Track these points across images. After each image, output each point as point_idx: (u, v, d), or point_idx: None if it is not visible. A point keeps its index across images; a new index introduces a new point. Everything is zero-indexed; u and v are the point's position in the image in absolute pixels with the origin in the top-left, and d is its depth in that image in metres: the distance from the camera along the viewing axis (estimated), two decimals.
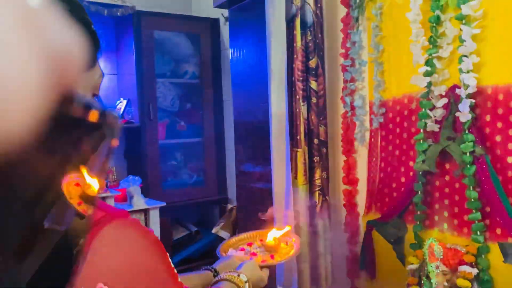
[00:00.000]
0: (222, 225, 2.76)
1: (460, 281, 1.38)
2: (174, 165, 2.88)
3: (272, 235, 1.22)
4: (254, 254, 1.18)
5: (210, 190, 2.87)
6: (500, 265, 1.35)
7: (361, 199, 1.88)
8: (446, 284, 1.42)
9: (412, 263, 1.56)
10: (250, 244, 1.25)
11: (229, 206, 2.82)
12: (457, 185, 1.49)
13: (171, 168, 2.86)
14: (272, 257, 1.16)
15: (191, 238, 2.87)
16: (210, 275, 1.02)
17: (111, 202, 2.08)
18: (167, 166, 2.84)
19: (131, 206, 2.15)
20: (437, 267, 1.45)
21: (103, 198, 2.03)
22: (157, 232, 2.15)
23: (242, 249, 1.23)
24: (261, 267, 1.07)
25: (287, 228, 1.26)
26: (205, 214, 3.09)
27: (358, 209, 1.89)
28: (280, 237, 1.23)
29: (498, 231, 1.37)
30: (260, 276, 1.02)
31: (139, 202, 2.10)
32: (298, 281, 1.79)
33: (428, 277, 1.50)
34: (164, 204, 2.18)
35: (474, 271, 1.37)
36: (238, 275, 0.94)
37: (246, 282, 0.94)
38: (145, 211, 2.15)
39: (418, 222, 1.59)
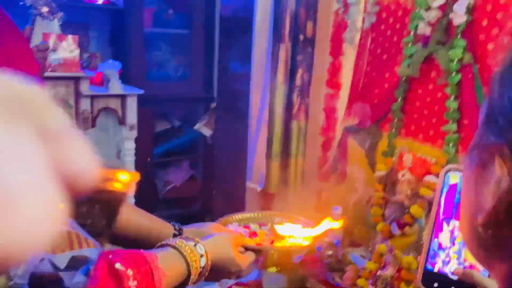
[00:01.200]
0: (205, 122, 2.73)
1: (422, 190, 1.37)
2: (160, 56, 2.76)
3: (289, 226, 0.97)
4: (254, 234, 0.96)
5: (195, 86, 2.79)
6: None
7: (341, 104, 1.81)
8: (409, 192, 1.42)
9: (381, 170, 1.54)
10: (261, 225, 1.02)
11: (213, 104, 2.76)
12: (439, 95, 1.41)
13: (156, 59, 2.75)
14: (271, 242, 0.93)
15: (174, 132, 2.86)
16: (168, 230, 0.82)
17: (85, 84, 2.00)
18: (151, 56, 2.72)
19: (107, 90, 2.08)
20: (403, 175, 1.43)
21: (77, 79, 1.95)
22: (133, 120, 2.11)
23: (247, 227, 0.99)
24: (246, 248, 0.83)
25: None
26: (189, 110, 3.05)
27: (337, 114, 1.83)
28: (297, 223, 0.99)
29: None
30: (231, 257, 0.78)
31: (115, 86, 2.03)
32: (265, 178, 1.80)
33: (393, 185, 1.49)
34: (141, 92, 2.12)
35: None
36: (195, 245, 0.72)
37: (202, 256, 0.72)
38: (122, 98, 2.09)
39: (393, 130, 1.54)
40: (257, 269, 0.87)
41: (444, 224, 0.62)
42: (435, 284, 0.61)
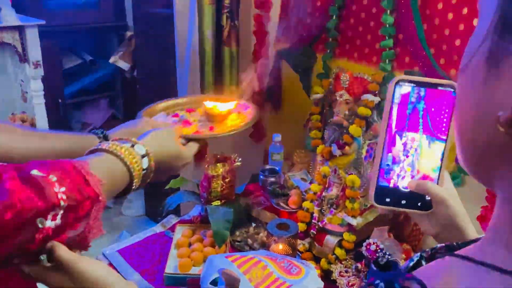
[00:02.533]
0: (121, 54, 2.48)
1: (361, 109, 1.38)
2: None
3: (224, 104, 0.94)
4: (187, 122, 0.90)
5: (105, 14, 2.48)
6: None
7: (272, 26, 1.72)
8: (347, 112, 1.42)
9: (317, 93, 1.52)
10: (190, 110, 0.97)
11: (128, 33, 2.50)
12: (374, 10, 1.38)
13: None
14: (211, 128, 0.89)
15: (86, 68, 2.58)
16: (91, 141, 0.72)
17: None
18: None
19: (0, 22, 1.75)
20: (341, 96, 1.42)
21: None
22: (37, 55, 1.83)
23: (176, 115, 0.94)
24: (187, 140, 0.79)
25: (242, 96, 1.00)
26: (101, 42, 2.74)
27: (269, 38, 1.74)
28: (231, 102, 0.97)
29: (407, 59, 1.33)
30: (176, 151, 0.73)
31: (9, 17, 1.71)
32: None
33: (330, 106, 1.48)
34: (43, 22, 1.82)
35: (376, 99, 1.36)
36: (132, 146, 0.64)
37: (144, 156, 0.65)
38: (20, 30, 1.78)
39: (328, 51, 1.50)
40: (201, 162, 0.85)
41: (397, 137, 0.61)
42: (387, 199, 0.61)
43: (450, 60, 1.24)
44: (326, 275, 1.23)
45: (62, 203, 0.49)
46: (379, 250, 1.17)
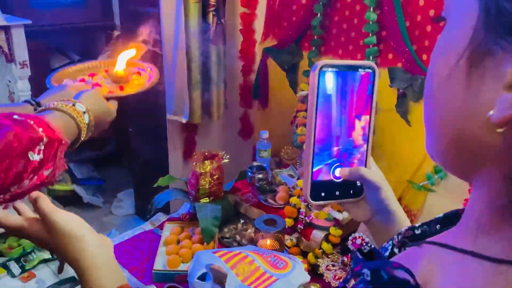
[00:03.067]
0: (109, 54, 2.47)
1: None
2: None
3: (121, 63, 1.00)
4: (97, 84, 0.98)
5: (92, 13, 2.47)
6: (385, 90, 1.37)
7: (259, 24, 1.73)
8: None
9: (303, 90, 1.54)
10: (92, 75, 1.04)
11: (116, 33, 2.50)
12: (358, 7, 1.39)
13: None
14: (121, 88, 0.97)
15: None
16: (28, 109, 0.80)
17: None
18: None
19: None
20: None
21: None
22: (23, 55, 1.82)
23: (82, 80, 1.01)
24: (108, 99, 0.88)
25: (133, 51, 1.04)
26: (88, 42, 2.73)
27: (255, 36, 1.76)
28: (130, 64, 1.03)
29: (390, 56, 1.35)
30: (106, 108, 0.83)
31: None
32: (190, 108, 1.71)
33: None
34: (29, 21, 1.81)
35: None
36: (74, 105, 0.73)
37: (84, 112, 0.74)
38: (6, 30, 1.77)
39: (314, 48, 1.52)
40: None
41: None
42: (322, 194, 0.60)
43: None
44: (313, 270, 1.24)
45: (44, 138, 0.59)
46: (364, 244, 1.19)
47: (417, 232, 0.44)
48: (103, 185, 2.71)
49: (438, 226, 0.42)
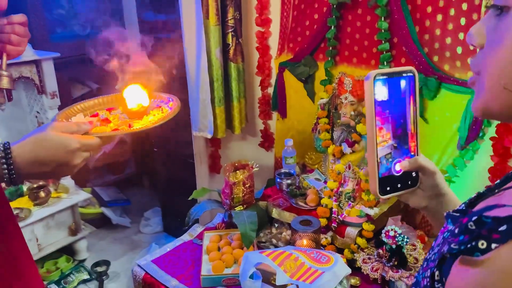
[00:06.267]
0: (127, 81, 2.59)
1: (365, 109, 1.49)
2: (62, 14, 2.50)
3: (133, 99, 0.94)
4: (106, 120, 0.92)
5: None
6: None
7: (273, 41, 1.84)
8: (353, 113, 1.53)
9: (322, 98, 1.63)
10: (110, 109, 0.98)
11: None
12: (368, 18, 1.50)
13: (59, 17, 2.49)
14: (129, 126, 0.89)
15: (93, 96, 2.68)
16: None
17: None
18: (53, 15, 2.45)
19: (19, 57, 1.85)
20: (345, 98, 1.54)
21: None
22: (53, 86, 1.93)
23: (96, 115, 0.95)
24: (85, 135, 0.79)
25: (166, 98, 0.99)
26: (104, 70, 2.85)
27: (271, 52, 1.86)
28: (150, 96, 0.97)
29: (403, 60, 1.45)
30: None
31: (27, 52, 1.81)
32: (214, 124, 1.81)
33: (336, 109, 1.60)
34: (58, 54, 1.92)
35: None
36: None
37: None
38: (37, 63, 1.88)
39: (329, 58, 1.62)
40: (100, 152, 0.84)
41: (384, 129, 0.64)
42: (388, 188, 0.66)
43: (442, 57, 1.36)
44: (350, 264, 1.32)
45: None
46: (397, 235, 1.28)
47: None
48: (128, 206, 2.79)
49: (496, 191, 0.48)
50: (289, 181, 1.61)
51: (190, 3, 1.65)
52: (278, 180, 1.63)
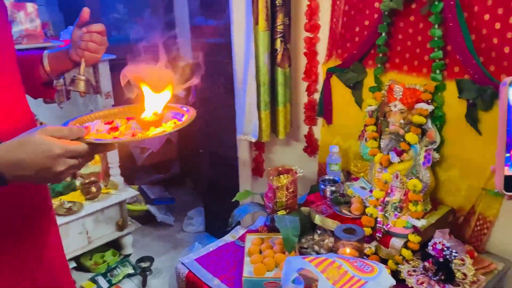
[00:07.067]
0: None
1: (415, 118, 1.46)
2: (117, 18, 2.62)
3: (150, 109, 0.91)
4: (115, 129, 0.89)
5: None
6: (453, 101, 1.43)
7: (321, 47, 1.84)
8: (402, 121, 1.50)
9: (371, 105, 1.61)
10: (129, 119, 0.95)
11: (182, 63, 2.69)
12: (421, 25, 1.47)
13: (114, 21, 2.61)
14: (133, 135, 0.86)
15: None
16: None
17: None
18: (109, 19, 2.58)
19: None
20: (395, 106, 1.51)
21: (45, 48, 1.82)
22: (108, 86, 2.03)
23: (110, 122, 0.93)
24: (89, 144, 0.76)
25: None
26: None
27: (318, 57, 1.86)
28: (166, 107, 0.94)
29: (456, 69, 1.41)
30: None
31: None
32: (259, 128, 1.83)
33: (385, 116, 1.57)
34: (113, 56, 2.02)
35: (430, 107, 1.44)
36: None
37: None
38: (93, 65, 1.99)
39: (379, 65, 1.60)
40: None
41: None
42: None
43: (500, 67, 1.31)
44: (394, 276, 1.29)
45: None
46: (445, 249, 1.24)
47: None
48: (172, 205, 2.87)
49: None
50: (333, 188, 1.60)
51: (240, 9, 1.69)
52: (322, 186, 1.62)
